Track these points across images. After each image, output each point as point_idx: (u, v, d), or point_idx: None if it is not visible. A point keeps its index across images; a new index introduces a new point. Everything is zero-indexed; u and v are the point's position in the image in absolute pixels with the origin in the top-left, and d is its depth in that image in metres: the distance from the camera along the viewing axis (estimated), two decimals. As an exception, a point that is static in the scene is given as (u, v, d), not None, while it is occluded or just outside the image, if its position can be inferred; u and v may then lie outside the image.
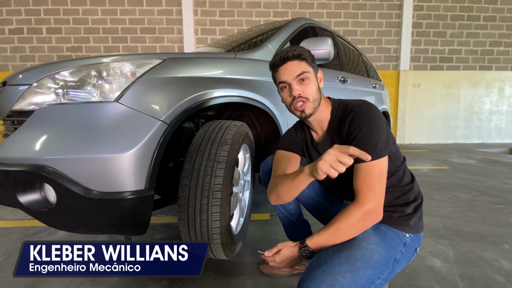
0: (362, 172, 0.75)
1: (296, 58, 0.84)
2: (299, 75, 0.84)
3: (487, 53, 5.65)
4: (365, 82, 2.79)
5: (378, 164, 0.75)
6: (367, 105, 0.82)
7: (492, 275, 1.13)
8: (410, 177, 0.89)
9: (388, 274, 0.75)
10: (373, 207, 0.74)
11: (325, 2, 5.33)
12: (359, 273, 0.69)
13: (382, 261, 0.74)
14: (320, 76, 0.91)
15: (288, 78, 0.85)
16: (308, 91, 0.84)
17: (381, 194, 0.75)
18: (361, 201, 0.74)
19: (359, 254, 0.72)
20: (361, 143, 0.76)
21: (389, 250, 0.77)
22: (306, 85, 0.84)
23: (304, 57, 0.85)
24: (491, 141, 5.84)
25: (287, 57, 0.84)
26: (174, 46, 5.23)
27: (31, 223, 1.70)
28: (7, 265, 1.24)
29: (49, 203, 0.86)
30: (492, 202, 2.02)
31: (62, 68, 0.91)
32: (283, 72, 0.85)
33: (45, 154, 0.81)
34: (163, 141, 0.91)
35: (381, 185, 0.75)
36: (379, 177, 0.75)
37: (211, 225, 0.96)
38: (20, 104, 0.92)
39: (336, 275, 0.67)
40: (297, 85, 0.84)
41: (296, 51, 0.85)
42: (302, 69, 0.84)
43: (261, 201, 2.07)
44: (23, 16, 5.03)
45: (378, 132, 0.77)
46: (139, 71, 0.93)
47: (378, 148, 0.75)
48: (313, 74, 0.87)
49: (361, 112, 0.80)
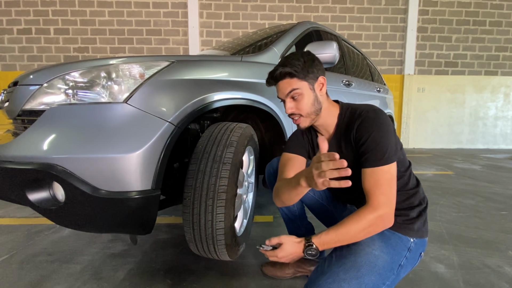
0: (372, 176, 0.75)
1: (285, 76, 0.83)
2: (289, 93, 0.84)
3: (493, 58, 5.62)
4: (370, 85, 2.79)
5: (389, 169, 0.75)
6: (376, 110, 0.82)
7: (497, 282, 1.12)
8: (415, 182, 0.89)
9: (393, 280, 0.75)
10: (386, 212, 0.73)
11: (330, 6, 5.35)
12: (364, 280, 0.69)
13: (387, 267, 0.74)
14: (322, 82, 0.86)
15: (282, 96, 0.86)
16: (300, 107, 0.84)
17: (393, 199, 0.75)
18: (375, 205, 0.73)
19: (363, 260, 0.72)
20: (371, 149, 0.76)
21: (394, 255, 0.77)
22: (299, 102, 0.84)
23: (294, 74, 0.82)
24: (496, 146, 5.79)
25: (275, 76, 0.84)
26: (179, 48, 5.28)
27: (37, 221, 1.72)
28: (13, 262, 1.26)
29: (58, 201, 0.87)
30: (497, 208, 2.00)
31: (72, 69, 0.92)
32: (277, 89, 0.87)
33: (54, 153, 0.83)
34: (170, 142, 0.92)
35: (393, 190, 0.75)
36: (390, 182, 0.75)
37: (216, 226, 0.97)
38: (30, 104, 0.94)
39: (342, 282, 0.67)
40: (289, 103, 0.85)
41: (284, 69, 0.82)
42: (292, 86, 0.83)
43: (264, 203, 2.07)
44: (32, 17, 5.11)
45: (388, 138, 0.76)
46: (147, 72, 0.95)
47: (388, 153, 0.75)
48: (306, 88, 0.83)
49: (370, 118, 0.79)
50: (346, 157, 0.87)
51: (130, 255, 1.31)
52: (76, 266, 1.22)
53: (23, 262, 1.26)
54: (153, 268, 1.21)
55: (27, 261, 1.26)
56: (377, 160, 0.75)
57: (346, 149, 0.86)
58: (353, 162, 0.84)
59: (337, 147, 0.88)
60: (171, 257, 1.30)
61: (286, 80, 0.83)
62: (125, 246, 1.40)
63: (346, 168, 0.59)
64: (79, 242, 1.45)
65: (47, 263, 1.24)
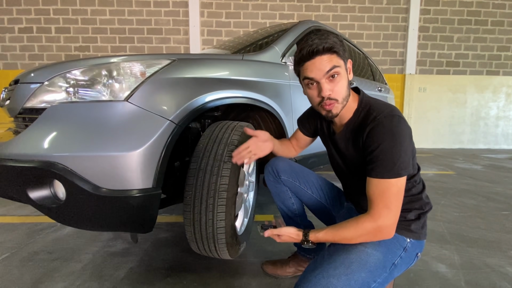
0: (378, 187, 0.71)
1: (327, 51, 0.73)
2: (329, 71, 0.74)
3: (495, 58, 5.60)
4: (371, 85, 2.78)
5: (397, 183, 0.70)
6: (393, 116, 0.73)
7: (498, 282, 1.12)
8: (421, 188, 0.85)
9: (385, 278, 0.74)
10: (387, 226, 0.71)
11: (331, 5, 5.33)
12: (353, 276, 0.68)
13: (379, 264, 0.72)
14: (350, 66, 0.80)
15: (317, 75, 0.75)
16: (338, 89, 0.76)
17: (397, 212, 0.71)
18: (376, 216, 0.70)
19: (354, 257, 0.71)
20: (379, 160, 0.71)
21: (387, 254, 0.75)
22: (337, 83, 0.75)
23: (335, 49, 0.74)
24: (497, 146, 5.77)
25: (317, 50, 0.73)
26: (180, 47, 5.27)
27: (38, 219, 1.72)
28: (14, 260, 1.26)
29: (58, 199, 0.87)
30: (498, 209, 2.00)
31: (73, 67, 0.92)
32: (311, 67, 0.75)
33: (55, 151, 0.83)
34: (171, 140, 0.92)
35: (398, 203, 0.71)
36: (396, 195, 0.71)
37: (217, 224, 0.97)
38: (31, 102, 0.94)
39: (331, 278, 0.67)
40: (327, 84, 0.75)
41: (327, 43, 0.73)
42: (333, 63, 0.74)
43: (265, 202, 2.07)
44: (33, 16, 5.11)
45: (399, 150, 0.70)
46: (148, 71, 0.95)
47: (398, 166, 0.70)
48: (344, 68, 0.76)
49: (383, 126, 0.72)
50: (350, 155, 0.86)
51: (131, 254, 1.31)
52: (77, 265, 1.22)
53: (24, 260, 1.26)
54: (153, 266, 1.21)
55: (28, 259, 1.26)
56: (384, 172, 0.70)
57: (353, 148, 0.84)
58: (356, 161, 0.84)
59: (346, 143, 0.86)
60: (171, 256, 1.30)
61: (326, 56, 0.74)
62: (126, 245, 1.40)
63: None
64: (80, 240, 1.45)
65: (48, 261, 1.25)
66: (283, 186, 1.07)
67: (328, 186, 1.08)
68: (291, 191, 1.08)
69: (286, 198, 1.09)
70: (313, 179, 1.06)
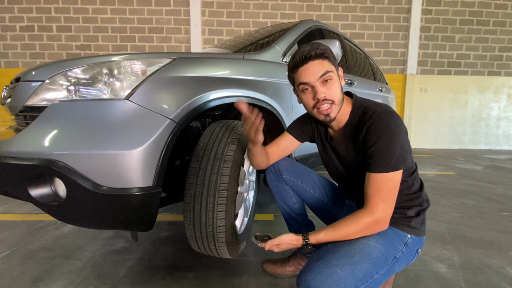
0: (375, 182, 0.74)
1: (319, 57, 0.78)
2: (322, 76, 0.78)
3: (496, 59, 5.58)
4: (372, 85, 2.78)
5: (393, 177, 0.74)
6: (388, 113, 0.77)
7: (498, 282, 1.11)
8: (419, 186, 0.87)
9: (387, 271, 0.75)
10: (383, 218, 0.74)
11: (332, 5, 5.32)
12: (357, 266, 0.69)
13: (381, 257, 0.74)
14: (341, 73, 0.85)
15: (311, 80, 0.79)
16: (332, 92, 0.79)
17: (392, 205, 0.75)
18: (373, 210, 0.73)
19: (358, 248, 0.73)
20: (377, 154, 0.74)
21: (389, 247, 0.77)
22: (330, 86, 0.79)
23: (326, 55, 0.79)
24: (498, 147, 5.76)
25: (309, 56, 0.78)
26: (181, 46, 5.27)
27: (38, 217, 1.72)
28: (15, 257, 1.26)
29: (59, 197, 0.87)
30: (498, 209, 1.99)
31: (74, 66, 0.92)
32: (305, 73, 0.79)
33: (56, 149, 0.83)
34: (171, 139, 0.92)
35: (393, 197, 0.75)
36: (392, 189, 0.74)
37: (217, 223, 0.97)
38: (32, 100, 0.94)
39: (334, 267, 0.68)
40: (321, 87, 0.79)
41: (318, 49, 0.78)
42: (325, 68, 0.78)
43: (265, 201, 2.07)
44: (34, 14, 5.11)
45: (396, 145, 0.73)
46: (149, 69, 0.95)
47: (395, 160, 0.73)
48: (336, 73, 0.81)
49: (380, 121, 0.76)
50: (350, 155, 0.87)
51: (131, 252, 1.32)
52: (77, 262, 1.22)
53: (24, 258, 1.26)
54: (153, 265, 1.21)
55: (28, 257, 1.27)
56: (381, 166, 0.73)
57: (352, 147, 0.85)
58: (356, 160, 0.85)
59: (345, 145, 0.88)
60: (171, 254, 1.30)
61: (318, 61, 0.78)
62: (126, 243, 1.41)
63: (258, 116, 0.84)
64: (80, 238, 1.46)
65: (48, 259, 1.25)
66: (284, 185, 1.07)
67: (330, 184, 1.08)
68: (292, 190, 1.08)
69: (288, 197, 1.09)
70: (314, 178, 1.07)
